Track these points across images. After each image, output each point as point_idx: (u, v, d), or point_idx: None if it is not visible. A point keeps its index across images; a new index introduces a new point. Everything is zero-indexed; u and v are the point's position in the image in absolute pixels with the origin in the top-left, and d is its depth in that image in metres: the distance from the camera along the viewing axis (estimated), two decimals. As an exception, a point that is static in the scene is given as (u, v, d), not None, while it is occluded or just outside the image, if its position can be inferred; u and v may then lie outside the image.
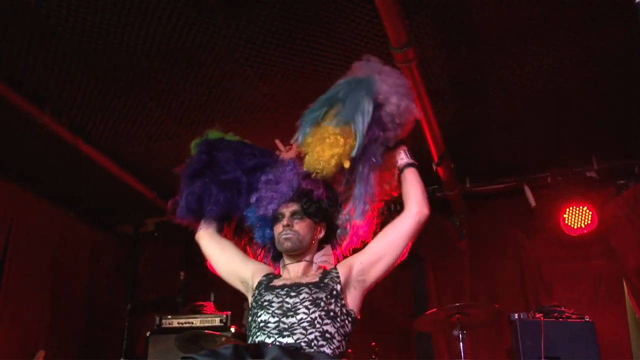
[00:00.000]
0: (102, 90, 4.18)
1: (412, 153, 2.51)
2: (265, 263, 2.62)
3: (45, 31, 3.62)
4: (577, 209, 5.21)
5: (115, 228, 6.54)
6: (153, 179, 5.46)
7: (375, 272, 2.39)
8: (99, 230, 6.38)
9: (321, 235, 2.52)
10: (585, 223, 5.19)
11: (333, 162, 2.34)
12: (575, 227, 5.21)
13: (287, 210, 2.46)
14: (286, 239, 2.43)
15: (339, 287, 2.33)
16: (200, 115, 4.48)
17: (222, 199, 2.57)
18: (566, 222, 5.23)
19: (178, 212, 2.63)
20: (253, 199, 2.53)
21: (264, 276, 2.50)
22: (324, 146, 2.34)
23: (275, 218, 2.48)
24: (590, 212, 5.19)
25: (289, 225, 2.43)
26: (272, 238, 2.52)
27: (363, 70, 2.48)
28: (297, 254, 2.47)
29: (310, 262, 2.49)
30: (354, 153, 2.33)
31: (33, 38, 3.68)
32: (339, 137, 2.32)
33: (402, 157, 2.48)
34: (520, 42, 3.75)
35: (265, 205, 2.47)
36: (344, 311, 2.31)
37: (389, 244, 2.39)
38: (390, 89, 2.38)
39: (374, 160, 2.37)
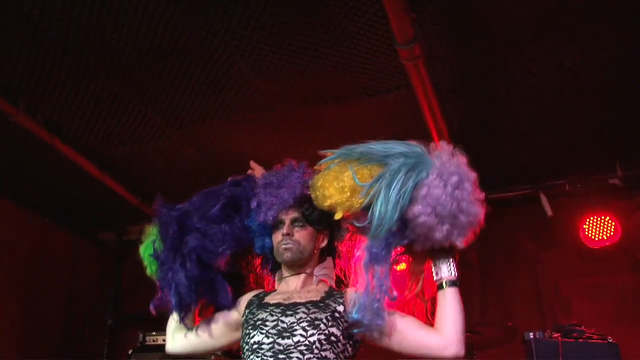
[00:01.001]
0: (83, 85, 4.21)
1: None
2: (263, 273, 2.64)
3: (20, 20, 3.63)
4: (599, 219, 5.22)
5: (96, 236, 6.58)
6: (137, 182, 5.50)
7: (371, 339, 2.34)
8: (78, 238, 6.41)
9: (323, 244, 2.54)
10: (608, 234, 5.19)
11: (326, 202, 2.33)
12: (597, 239, 5.21)
13: (287, 217, 2.47)
14: (286, 249, 2.44)
15: (341, 307, 2.33)
16: (190, 114, 4.51)
17: (227, 229, 2.53)
18: (586, 233, 5.23)
19: (174, 299, 2.47)
20: (254, 204, 2.53)
21: (253, 296, 2.51)
22: (332, 183, 2.31)
23: (275, 225, 2.49)
24: (613, 223, 5.20)
25: (289, 234, 2.45)
26: (272, 248, 2.53)
27: (440, 159, 2.24)
28: (297, 265, 2.48)
29: (311, 275, 2.50)
30: (350, 214, 2.30)
31: (5, 27, 3.69)
32: (346, 190, 2.27)
33: (444, 270, 2.30)
34: (535, 38, 3.76)
35: (264, 211, 2.48)
36: (347, 334, 2.30)
37: (397, 340, 2.29)
38: (427, 200, 2.17)
39: (375, 250, 2.22)
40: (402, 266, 2.40)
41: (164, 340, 4.89)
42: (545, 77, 4.11)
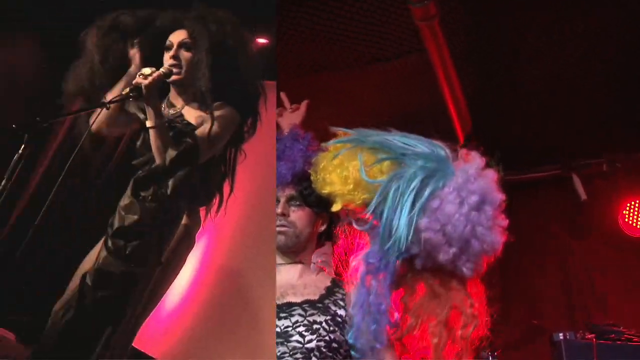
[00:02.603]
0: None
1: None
2: None
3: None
4: (641, 203, 5.24)
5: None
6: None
7: None
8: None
9: (322, 228, 2.55)
10: (651, 222, 5.23)
11: (326, 189, 2.32)
12: (638, 226, 5.24)
13: (283, 194, 2.48)
14: (280, 232, 2.45)
15: (343, 312, 2.33)
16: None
17: None
18: (626, 219, 5.26)
19: None
20: None
21: None
22: (336, 169, 2.29)
23: None
24: (658, 208, 5.22)
25: (284, 214, 2.45)
26: None
27: (464, 173, 2.21)
28: (293, 251, 2.48)
29: (309, 263, 2.51)
30: (350, 209, 2.28)
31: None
32: (349, 181, 2.24)
33: None
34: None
35: None
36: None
37: None
38: (437, 214, 2.13)
39: (372, 261, 2.20)
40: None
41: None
42: (584, 40, 4.12)
